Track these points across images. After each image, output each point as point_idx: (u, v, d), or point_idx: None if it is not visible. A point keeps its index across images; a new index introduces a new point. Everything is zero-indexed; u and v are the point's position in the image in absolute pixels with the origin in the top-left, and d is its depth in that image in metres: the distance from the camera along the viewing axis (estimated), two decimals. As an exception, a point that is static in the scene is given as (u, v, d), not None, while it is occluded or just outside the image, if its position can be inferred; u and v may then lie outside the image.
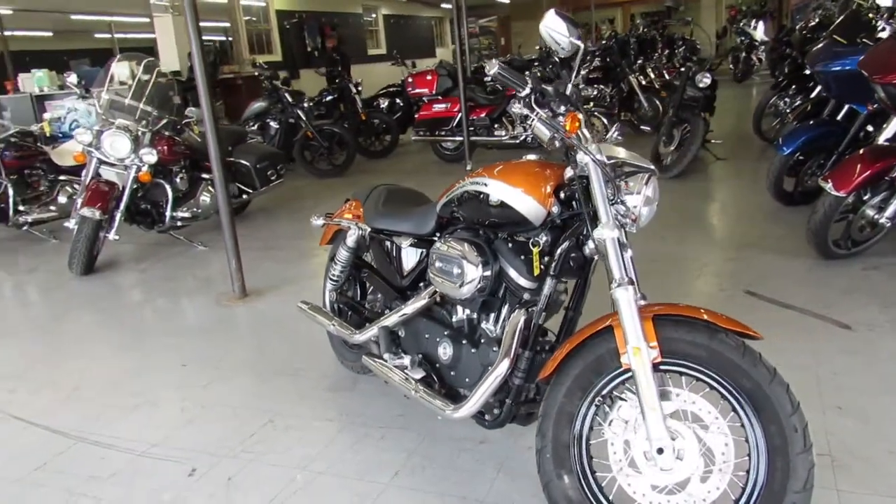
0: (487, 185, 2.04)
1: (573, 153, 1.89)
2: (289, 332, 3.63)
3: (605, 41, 10.14)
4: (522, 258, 2.06)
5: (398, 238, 2.59)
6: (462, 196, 2.16)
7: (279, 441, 2.60)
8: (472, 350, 2.21)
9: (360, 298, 3.01)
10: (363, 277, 2.96)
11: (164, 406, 2.97)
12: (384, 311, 2.68)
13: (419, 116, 8.54)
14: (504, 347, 2.01)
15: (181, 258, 5.36)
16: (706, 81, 6.43)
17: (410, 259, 2.63)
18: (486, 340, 2.19)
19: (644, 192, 1.87)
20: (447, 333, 2.30)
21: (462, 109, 7.70)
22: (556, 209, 1.97)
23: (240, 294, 4.23)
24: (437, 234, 2.37)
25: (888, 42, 3.92)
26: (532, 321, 2.03)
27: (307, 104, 8.38)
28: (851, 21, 4.62)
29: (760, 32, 14.36)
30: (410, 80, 8.97)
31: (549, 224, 2.01)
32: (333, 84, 9.53)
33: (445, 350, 2.29)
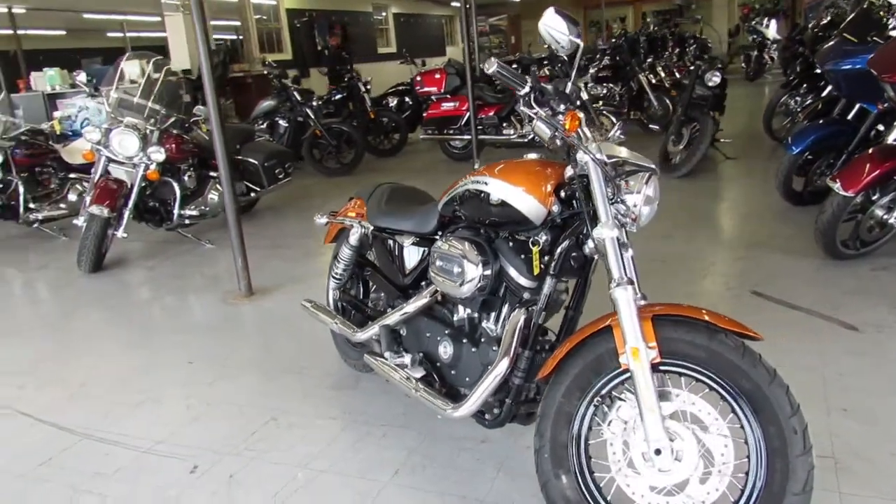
0: (488, 184, 2.04)
1: (574, 152, 1.88)
2: (294, 331, 3.64)
3: (615, 39, 10.10)
4: (522, 257, 2.06)
5: (400, 237, 2.59)
6: (463, 195, 2.16)
7: (282, 439, 2.61)
8: (473, 349, 2.21)
9: (363, 297, 3.02)
10: (366, 276, 2.96)
11: (170, 403, 2.99)
12: (386, 310, 2.68)
13: (427, 115, 8.54)
14: (503, 347, 2.01)
15: (189, 256, 5.39)
16: (716, 80, 6.39)
17: (412, 258, 2.63)
18: (487, 339, 2.18)
19: (644, 192, 1.86)
20: (448, 332, 2.30)
21: (470, 108, 7.69)
22: (557, 208, 1.96)
23: (246, 292, 4.25)
24: (439, 233, 2.37)
25: (898, 40, 3.88)
26: (532, 320, 2.02)
27: (316, 103, 8.40)
28: (862, 19, 4.57)
29: (773, 31, 14.26)
30: (419, 79, 8.98)
31: (550, 223, 2.00)
32: (342, 83, 9.54)
33: (446, 349, 2.29)
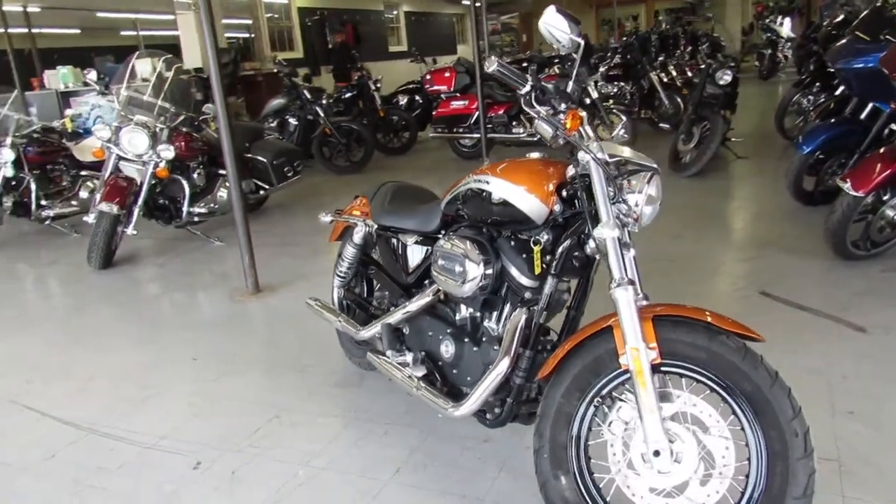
0: (489, 183, 2.03)
1: (575, 151, 1.87)
2: (299, 328, 3.65)
3: (626, 38, 10.05)
4: (524, 257, 2.05)
5: (404, 235, 2.59)
6: (466, 193, 2.16)
7: (284, 436, 2.61)
8: (474, 348, 2.21)
9: (368, 295, 3.02)
10: (370, 274, 2.96)
11: (174, 399, 3.01)
12: (390, 308, 2.69)
13: (437, 113, 8.53)
14: (504, 346, 2.01)
15: (198, 253, 5.42)
16: (727, 79, 6.34)
17: (416, 256, 2.63)
18: (488, 339, 2.18)
19: (646, 191, 1.84)
20: (450, 331, 2.29)
21: (480, 107, 7.67)
22: (558, 207, 1.95)
23: (253, 290, 4.26)
24: (442, 232, 2.36)
25: (911, 39, 3.83)
26: (533, 320, 2.02)
27: (326, 101, 8.42)
28: (874, 17, 4.50)
29: (787, 29, 14.13)
30: (429, 77, 8.97)
31: (552, 222, 1.99)
32: (350, 82, 9.55)
33: (448, 348, 2.28)
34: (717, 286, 3.83)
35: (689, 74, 9.30)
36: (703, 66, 7.04)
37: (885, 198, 3.74)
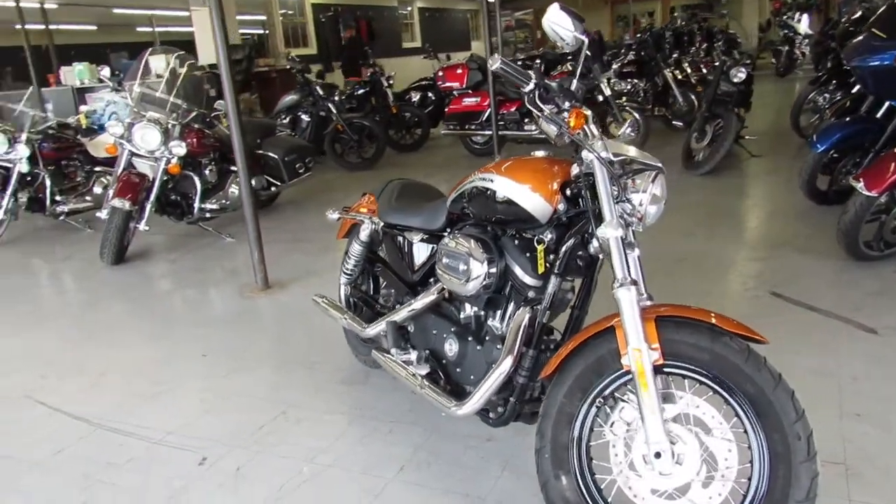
0: (494, 182, 2.03)
1: (580, 150, 1.86)
2: (307, 325, 3.66)
3: (641, 34, 9.98)
4: (528, 255, 2.04)
5: (409, 233, 2.59)
6: (471, 192, 2.15)
7: (290, 433, 2.63)
8: (478, 347, 2.20)
9: (374, 293, 3.02)
10: (376, 272, 2.97)
11: (184, 395, 3.03)
12: (396, 306, 2.69)
13: (449, 110, 8.52)
14: (507, 345, 2.00)
15: (210, 249, 5.45)
16: (741, 76, 6.28)
17: (421, 254, 2.63)
18: (492, 338, 2.18)
19: (650, 191, 1.83)
20: (454, 330, 2.29)
21: (491, 104, 7.66)
22: (563, 206, 1.94)
23: (262, 286, 4.29)
24: (448, 230, 2.36)
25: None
26: (536, 319, 2.01)
27: (338, 97, 8.43)
28: (891, 14, 4.44)
29: (804, 25, 13.97)
30: (441, 74, 8.95)
31: (556, 221, 1.98)
32: (362, 79, 9.55)
33: (451, 346, 2.28)
34: (728, 286, 3.80)
35: (704, 71, 9.22)
36: (717, 64, 6.98)
37: (900, 198, 3.69)
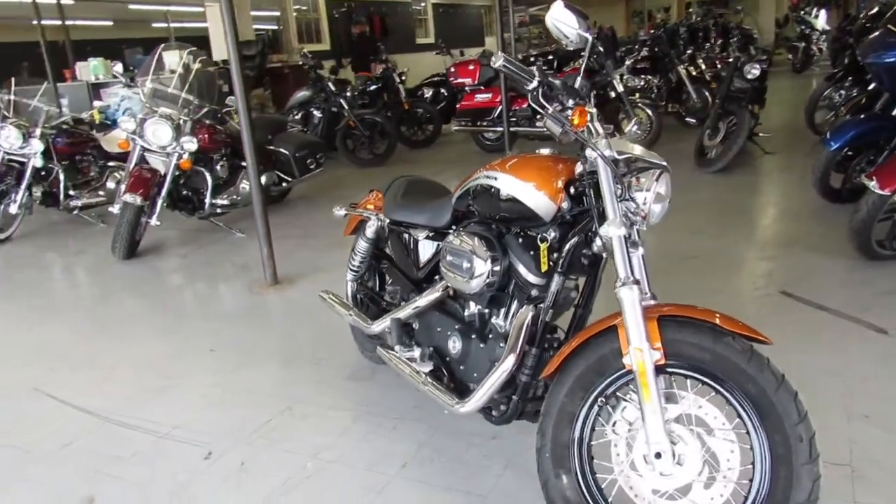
0: (498, 179, 2.02)
1: (584, 148, 1.85)
2: (315, 321, 3.67)
3: (654, 30, 9.91)
4: (531, 254, 2.03)
5: (415, 230, 2.59)
6: (476, 189, 2.15)
7: (295, 428, 2.64)
8: (481, 345, 2.20)
9: (380, 289, 3.03)
10: (382, 269, 2.97)
11: (191, 389, 3.05)
12: (401, 303, 2.69)
13: (461, 106, 8.51)
14: (510, 344, 2.00)
15: (220, 244, 5.48)
16: (755, 73, 6.21)
17: (427, 251, 2.63)
18: (495, 336, 2.17)
19: (655, 189, 1.82)
20: (458, 327, 2.29)
21: (503, 100, 7.64)
22: (567, 205, 1.93)
23: (271, 281, 4.30)
24: (453, 227, 2.36)
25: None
26: (539, 318, 2.00)
27: (350, 93, 8.44)
28: (908, 10, 4.39)
29: (822, 21, 13.80)
30: (453, 70, 8.94)
31: (559, 220, 1.97)
32: (374, 75, 9.55)
33: (455, 344, 2.28)
34: (737, 284, 3.77)
35: (719, 67, 9.14)
36: (731, 60, 6.91)
37: (913, 196, 3.63)
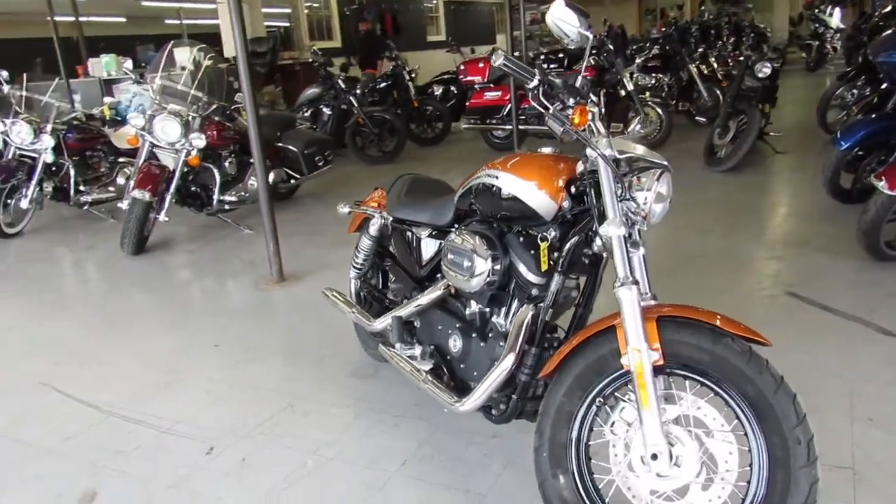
0: (499, 178, 2.02)
1: (585, 147, 1.85)
2: (319, 318, 3.68)
3: (667, 28, 9.85)
4: (531, 253, 2.03)
5: (418, 228, 2.59)
6: (477, 188, 2.14)
7: (297, 424, 2.65)
8: (481, 344, 2.20)
9: (383, 287, 3.03)
10: (385, 266, 2.97)
11: (195, 384, 3.07)
12: (403, 301, 2.69)
13: (470, 104, 8.50)
14: (509, 343, 1.99)
15: (229, 241, 5.50)
16: (766, 71, 6.17)
17: (429, 249, 2.62)
18: (495, 335, 2.17)
19: (656, 189, 1.81)
20: (458, 326, 2.29)
21: (512, 98, 7.62)
22: (567, 204, 1.93)
23: (277, 278, 4.32)
24: (455, 226, 2.36)
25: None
26: (539, 317, 2.00)
27: (360, 91, 8.45)
28: (921, 9, 4.35)
29: (836, 19, 13.67)
30: (463, 68, 8.93)
31: (560, 219, 1.97)
32: (385, 72, 9.55)
33: (456, 342, 2.28)
34: (743, 284, 3.74)
35: (731, 66, 9.08)
36: (742, 59, 6.86)
37: (923, 197, 3.60)
